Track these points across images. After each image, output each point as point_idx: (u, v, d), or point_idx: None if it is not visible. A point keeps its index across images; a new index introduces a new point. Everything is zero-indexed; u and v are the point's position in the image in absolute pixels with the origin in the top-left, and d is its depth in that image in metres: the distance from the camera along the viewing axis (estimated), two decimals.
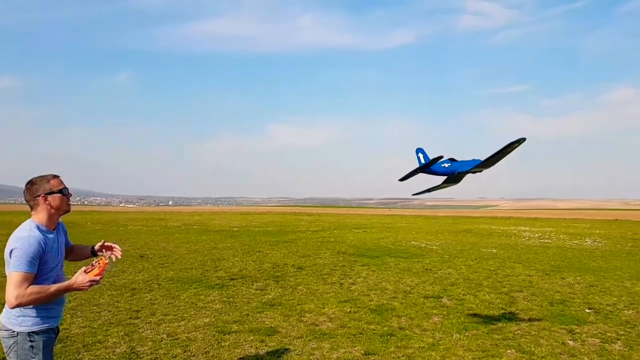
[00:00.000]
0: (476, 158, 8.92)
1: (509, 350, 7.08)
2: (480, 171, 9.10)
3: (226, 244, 21.74)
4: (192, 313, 9.02)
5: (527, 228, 39.14)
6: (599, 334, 7.98)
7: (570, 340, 7.68)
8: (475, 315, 9.24)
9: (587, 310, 9.57)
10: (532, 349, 7.15)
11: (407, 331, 8.05)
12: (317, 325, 8.34)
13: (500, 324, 8.55)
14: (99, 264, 3.52)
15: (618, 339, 7.72)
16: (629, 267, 15.70)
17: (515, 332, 8.09)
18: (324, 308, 9.65)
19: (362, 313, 9.28)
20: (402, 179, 9.32)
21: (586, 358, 6.84)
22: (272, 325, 8.30)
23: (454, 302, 10.35)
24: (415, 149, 9.02)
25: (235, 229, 32.94)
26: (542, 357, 6.85)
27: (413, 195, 11.00)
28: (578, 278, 13.43)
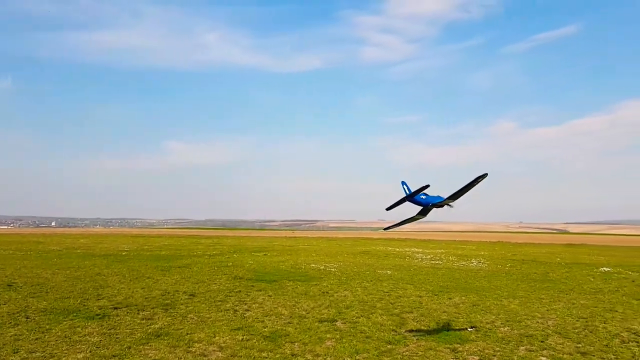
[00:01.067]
0: (440, 195, 9.52)
1: None
2: (443, 205, 9.59)
3: (112, 270, 20.13)
4: (64, 349, 8.10)
5: (421, 250, 41.23)
6: (478, 352, 8.45)
7: (453, 358, 8.04)
8: (367, 337, 9.35)
9: (469, 329, 10.15)
10: None
11: (299, 357, 7.91)
12: (205, 356, 7.90)
13: (390, 346, 8.72)
14: None
15: (494, 355, 8.24)
16: (507, 286, 17.05)
17: (404, 353, 8.29)
18: (214, 337, 9.20)
19: (255, 340, 8.98)
20: (388, 208, 9.68)
21: None
22: (157, 357, 7.73)
23: (347, 325, 10.41)
24: (400, 182, 9.59)
25: (124, 253, 30.73)
26: None
27: (384, 229, 11.61)
28: (463, 298, 14.27)
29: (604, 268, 24.38)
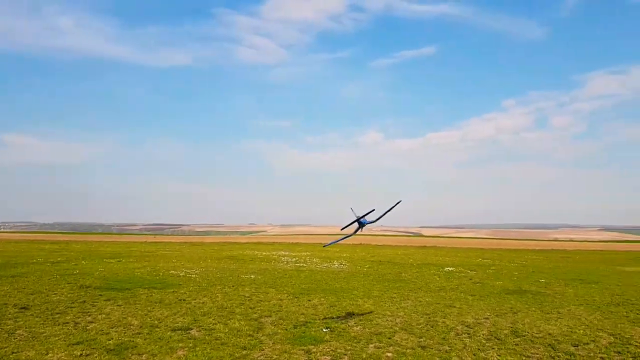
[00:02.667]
0: (366, 218, 11.78)
1: None
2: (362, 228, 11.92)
3: None
4: None
5: (287, 253, 41.67)
6: (331, 352, 8.67)
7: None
8: (222, 344, 9.05)
9: (324, 330, 10.39)
10: None
11: None
12: None
13: (245, 352, 8.53)
14: None
15: (345, 354, 8.53)
16: (364, 287, 17.93)
17: (258, 358, 8.17)
18: (47, 354, 8.15)
19: (97, 355, 8.15)
20: (343, 228, 11.69)
21: None
22: None
23: (202, 332, 9.98)
24: (349, 207, 11.85)
25: None
26: None
27: (324, 246, 15.05)
28: (322, 299, 14.64)
29: (448, 268, 27.05)
